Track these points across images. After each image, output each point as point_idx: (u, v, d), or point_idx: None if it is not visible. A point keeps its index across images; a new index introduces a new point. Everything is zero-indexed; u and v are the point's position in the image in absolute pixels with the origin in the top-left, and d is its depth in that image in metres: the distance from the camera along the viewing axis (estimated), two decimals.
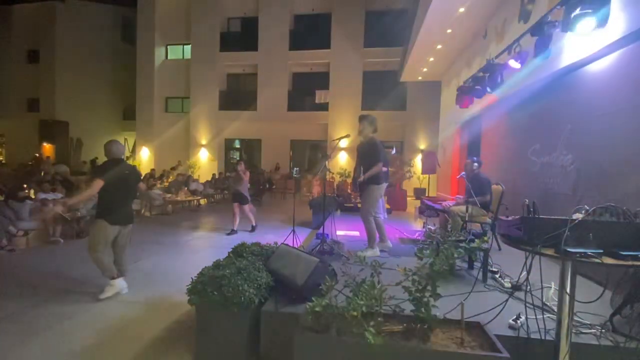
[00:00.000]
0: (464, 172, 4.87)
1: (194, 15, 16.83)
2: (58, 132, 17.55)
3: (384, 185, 4.25)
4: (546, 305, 2.46)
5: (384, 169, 4.21)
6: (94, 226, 3.65)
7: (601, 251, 1.67)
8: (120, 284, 3.66)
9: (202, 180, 13.78)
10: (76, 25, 18.37)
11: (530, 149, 5.08)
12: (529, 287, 2.10)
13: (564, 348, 1.79)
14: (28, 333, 2.88)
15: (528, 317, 2.18)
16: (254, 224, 7.12)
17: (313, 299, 1.95)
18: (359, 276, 2.05)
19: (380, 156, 4.07)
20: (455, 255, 1.91)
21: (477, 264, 3.50)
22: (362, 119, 4.26)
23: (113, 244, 3.68)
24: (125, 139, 20.79)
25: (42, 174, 11.56)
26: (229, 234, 6.76)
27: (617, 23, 3.30)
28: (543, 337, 2.08)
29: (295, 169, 7.90)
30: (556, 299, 1.95)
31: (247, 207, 6.96)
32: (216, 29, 16.71)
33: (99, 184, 3.46)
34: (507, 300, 2.34)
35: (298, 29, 16.41)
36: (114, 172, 3.57)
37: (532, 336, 2.12)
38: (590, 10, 3.29)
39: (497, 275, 3.28)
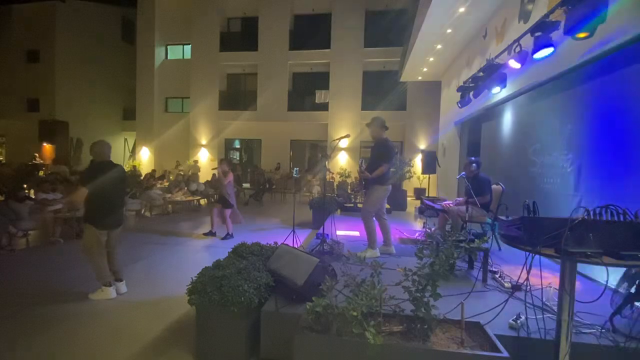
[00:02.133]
0: (464, 172, 4.87)
1: (194, 15, 16.84)
2: (58, 132, 17.52)
3: (389, 187, 4.26)
4: (546, 305, 2.46)
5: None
6: (84, 231, 3.61)
7: (601, 251, 1.67)
8: (111, 291, 3.61)
9: (202, 180, 13.77)
10: (76, 25, 18.37)
11: (531, 149, 5.09)
12: (529, 287, 2.10)
13: (564, 348, 1.79)
14: (28, 333, 2.88)
15: (528, 317, 2.18)
16: (229, 232, 6.43)
17: (313, 299, 1.95)
18: (359, 276, 2.05)
19: (387, 158, 4.14)
20: (455, 255, 1.92)
21: (478, 264, 3.50)
22: (369, 124, 4.31)
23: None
24: (125, 139, 20.84)
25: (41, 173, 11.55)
26: (223, 238, 6.39)
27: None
28: (543, 337, 2.08)
29: (295, 169, 7.83)
30: (556, 299, 1.95)
31: (227, 212, 6.35)
32: (216, 29, 16.73)
33: (83, 192, 3.37)
34: (507, 300, 2.34)
35: (298, 29, 16.42)
36: (99, 177, 3.46)
37: (532, 336, 2.12)
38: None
39: (497, 275, 3.28)
